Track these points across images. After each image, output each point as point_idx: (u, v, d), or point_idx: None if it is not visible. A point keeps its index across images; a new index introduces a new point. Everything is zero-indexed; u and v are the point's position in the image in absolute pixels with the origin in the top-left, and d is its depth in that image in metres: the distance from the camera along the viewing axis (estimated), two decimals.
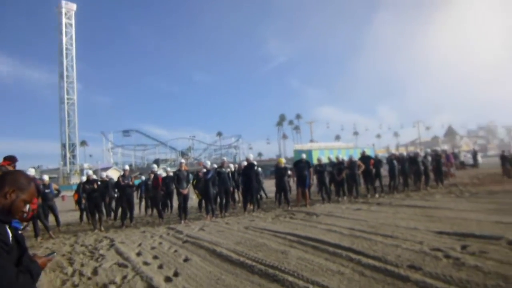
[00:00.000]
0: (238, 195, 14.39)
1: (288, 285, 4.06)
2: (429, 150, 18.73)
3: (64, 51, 65.47)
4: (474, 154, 30.62)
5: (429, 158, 16.13)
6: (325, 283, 3.98)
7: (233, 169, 13.61)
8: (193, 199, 15.09)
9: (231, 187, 12.12)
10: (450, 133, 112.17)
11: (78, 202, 13.55)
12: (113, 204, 13.04)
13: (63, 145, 66.50)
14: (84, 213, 12.60)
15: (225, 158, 13.28)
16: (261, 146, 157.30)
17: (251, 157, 12.48)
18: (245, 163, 12.39)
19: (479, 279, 3.68)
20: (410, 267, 4.28)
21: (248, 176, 11.79)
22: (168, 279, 4.76)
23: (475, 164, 28.82)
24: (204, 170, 11.29)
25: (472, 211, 8.14)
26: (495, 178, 17.56)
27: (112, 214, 13.00)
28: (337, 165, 13.43)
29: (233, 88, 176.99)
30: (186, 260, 5.77)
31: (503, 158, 16.95)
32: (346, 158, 14.35)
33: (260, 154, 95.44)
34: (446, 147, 33.34)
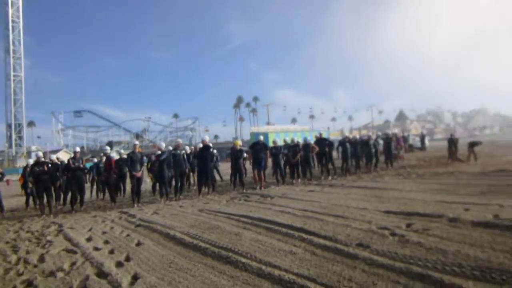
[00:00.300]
0: (193, 178, 14.41)
1: (241, 266, 4.17)
2: (380, 134, 19.69)
3: (10, 24, 60.89)
4: (422, 138, 32.55)
5: (380, 141, 17.00)
6: (277, 263, 4.13)
7: (188, 151, 13.57)
8: (147, 182, 14.86)
9: (186, 170, 12.09)
10: (401, 117, 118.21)
11: (23, 186, 12.89)
12: (62, 188, 12.55)
13: (9, 126, 62.49)
14: (31, 198, 12.08)
15: (180, 140, 13.09)
16: (217, 128, 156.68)
17: (207, 139, 12.44)
18: (201, 145, 12.35)
19: (422, 254, 4.00)
20: (358, 245, 4.55)
21: (203, 159, 11.78)
22: (119, 264, 4.71)
23: (422, 147, 30.67)
24: (159, 152, 11.16)
25: (418, 192, 8.75)
26: (440, 160, 18.84)
27: (61, 198, 12.50)
28: (292, 148, 13.74)
29: (191, 68, 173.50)
30: (138, 244, 5.73)
31: (450, 141, 18.16)
32: (301, 141, 14.70)
33: (216, 137, 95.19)
34: (397, 130, 35.12)
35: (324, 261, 4.09)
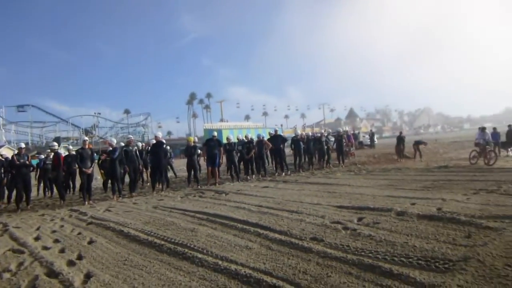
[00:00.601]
0: (146, 175, 14.15)
1: (198, 262, 4.16)
2: (331, 131, 20.29)
3: None
4: (371, 135, 33.93)
5: (332, 139, 17.54)
6: (233, 258, 4.17)
7: (140, 148, 13.40)
8: (98, 179, 14.32)
9: (139, 166, 11.84)
10: (351, 115, 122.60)
11: None
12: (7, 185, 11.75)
13: None
14: None
15: (131, 136, 12.74)
16: (170, 125, 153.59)
17: (160, 135, 12.21)
18: (154, 142, 12.12)
19: (372, 247, 4.20)
20: (312, 239, 4.69)
21: (156, 155, 11.58)
22: (71, 263, 4.52)
23: (372, 145, 31.99)
24: (110, 148, 10.82)
25: (368, 187, 9.14)
26: (388, 157, 19.78)
27: (6, 196, 11.68)
28: (246, 144, 13.81)
29: (143, 62, 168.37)
30: (90, 242, 5.54)
31: (399, 139, 19.09)
32: (255, 138, 14.83)
33: (169, 133, 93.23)
34: (347, 128, 36.34)
35: (279, 255, 4.17)
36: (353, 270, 3.54)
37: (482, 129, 15.24)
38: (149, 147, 12.65)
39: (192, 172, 12.43)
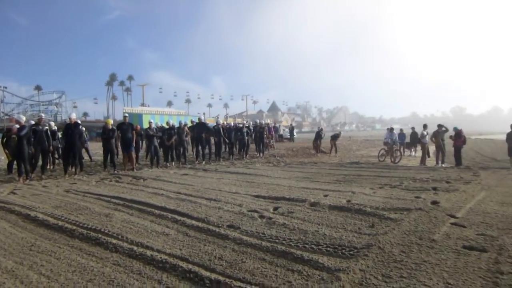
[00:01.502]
0: (58, 156, 13.27)
1: (112, 247, 4.06)
2: (252, 122, 20.71)
3: None
4: (291, 129, 35.34)
5: (252, 130, 17.93)
6: (149, 244, 4.13)
7: (53, 128, 12.55)
8: (2, 160, 13.09)
9: (49, 147, 11.01)
10: (273, 108, 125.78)
11: None
12: None
13: None
14: None
15: (42, 115, 11.74)
16: (87, 105, 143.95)
17: (74, 116, 11.45)
18: (68, 121, 11.32)
19: (286, 234, 4.44)
20: (229, 226, 4.82)
21: (70, 136, 10.81)
22: None
23: (291, 138, 33.31)
24: (17, 126, 9.90)
25: (285, 178, 9.57)
26: (306, 151, 20.78)
27: None
28: (167, 131, 13.56)
29: (59, 37, 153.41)
30: None
31: (317, 134, 20.10)
32: (176, 124, 14.61)
33: (85, 114, 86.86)
34: (269, 121, 37.31)
35: (196, 242, 4.23)
36: (267, 256, 3.71)
37: (390, 130, 16.73)
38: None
39: (109, 156, 11.92)
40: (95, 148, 18.04)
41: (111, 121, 12.71)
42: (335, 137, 19.69)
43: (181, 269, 3.39)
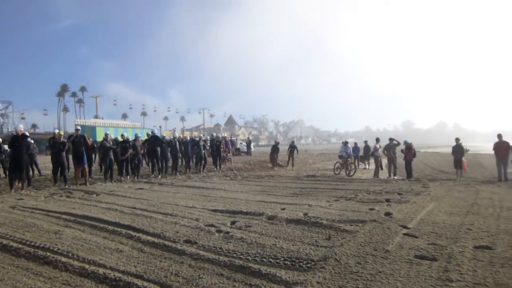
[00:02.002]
0: (3, 170, 12.43)
1: (61, 266, 3.85)
2: (208, 136, 20.65)
3: None
4: (249, 143, 35.56)
5: (209, 143, 17.88)
6: (102, 261, 3.96)
7: None
8: None
9: None
10: (230, 122, 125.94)
11: None
12: None
13: None
14: None
15: None
16: (37, 117, 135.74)
17: (21, 127, 10.85)
18: (15, 133, 10.70)
19: (243, 249, 4.41)
20: (186, 241, 4.73)
21: (17, 149, 10.18)
22: None
23: (248, 152, 33.46)
24: None
25: (242, 192, 9.57)
26: (263, 164, 20.92)
27: None
28: (122, 144, 13.19)
29: (5, 43, 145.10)
30: None
31: (274, 148, 20.32)
32: (131, 137, 14.35)
33: (34, 126, 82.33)
34: (226, 134, 37.33)
35: (152, 258, 4.11)
36: (225, 271, 3.67)
37: (345, 143, 17.28)
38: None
39: (60, 170, 11.37)
40: (45, 162, 17.20)
41: (61, 133, 12.15)
42: (292, 148, 19.99)
43: (136, 286, 3.27)
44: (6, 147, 12.46)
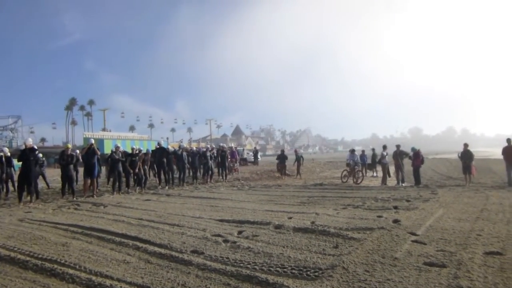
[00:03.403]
0: (12, 184, 12.71)
1: (69, 278, 3.86)
2: (214, 146, 20.70)
3: None
4: (255, 153, 35.51)
5: (215, 153, 17.93)
6: (109, 273, 3.96)
7: (8, 154, 12.23)
8: None
9: (3, 174, 10.45)
10: (237, 132, 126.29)
11: None
12: None
13: None
14: None
15: None
16: (46, 131, 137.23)
17: (30, 141, 11.08)
18: (23, 147, 10.86)
19: (250, 258, 4.39)
20: (193, 252, 4.71)
21: (26, 162, 10.37)
22: None
23: (255, 162, 33.43)
24: None
25: (249, 202, 9.54)
26: (270, 174, 20.89)
27: None
28: (131, 156, 13.27)
29: (15, 59, 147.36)
30: None
31: (281, 157, 20.29)
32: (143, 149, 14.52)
33: (43, 140, 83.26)
34: (233, 144, 37.43)
35: (158, 269, 4.10)
36: (232, 281, 3.65)
37: (352, 151, 17.20)
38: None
39: (68, 183, 11.48)
40: (53, 175, 17.37)
41: (70, 146, 12.32)
42: (298, 158, 19.94)
43: None
44: (15, 161, 12.59)
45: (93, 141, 12.43)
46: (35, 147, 11.04)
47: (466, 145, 13.85)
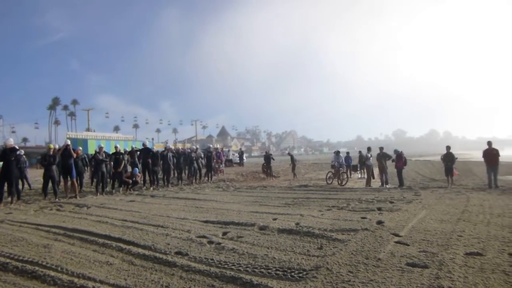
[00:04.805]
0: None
1: (50, 280, 3.81)
2: (199, 147, 20.65)
3: None
4: (241, 154, 35.49)
5: (202, 154, 17.87)
6: (91, 275, 3.92)
7: None
8: None
9: None
10: (223, 133, 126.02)
11: None
12: None
13: None
14: None
15: None
16: (28, 130, 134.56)
17: (11, 141, 10.81)
18: (4, 147, 10.63)
19: (235, 259, 4.39)
20: (177, 253, 4.69)
21: (6, 162, 10.15)
22: None
23: (241, 163, 33.42)
24: None
25: (234, 203, 9.53)
26: (255, 175, 20.90)
27: None
28: (115, 155, 13.13)
29: None
30: None
31: (267, 158, 20.33)
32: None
33: (25, 140, 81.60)
34: (218, 145, 37.33)
35: (142, 270, 4.07)
36: (216, 283, 3.64)
37: (337, 153, 17.31)
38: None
39: (50, 184, 11.29)
40: (35, 176, 17.03)
41: (53, 146, 12.07)
42: (293, 160, 20.06)
43: None
44: None
45: (69, 142, 12.21)
46: (16, 147, 10.83)
47: (448, 147, 14.12)
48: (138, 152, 14.61)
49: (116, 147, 13.82)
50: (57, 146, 12.26)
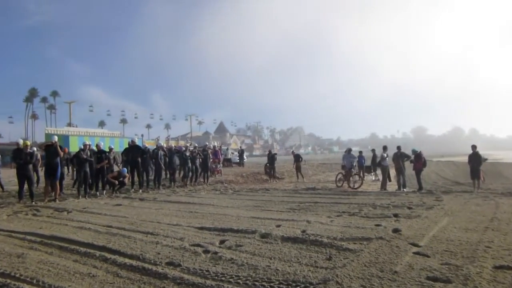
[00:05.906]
0: None
1: None
2: (196, 144, 20.64)
3: None
4: (241, 153, 35.48)
5: (197, 152, 17.86)
6: None
7: None
8: None
9: None
10: (221, 130, 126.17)
11: None
12: None
13: None
14: None
15: None
16: (0, 125, 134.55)
17: None
18: None
19: (233, 271, 4.37)
20: (168, 264, 4.68)
21: None
22: None
23: (241, 163, 33.42)
24: None
25: (232, 208, 9.54)
26: (257, 177, 20.90)
27: None
28: (97, 154, 13.11)
29: None
30: None
31: (270, 158, 20.33)
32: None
33: None
34: (216, 143, 37.38)
35: (129, 283, 4.07)
36: None
37: (348, 151, 17.30)
38: None
39: (26, 185, 11.25)
40: (8, 176, 17.05)
41: (28, 143, 11.97)
42: (298, 157, 20.02)
43: None
44: None
45: (56, 139, 12.14)
46: None
47: (474, 146, 14.07)
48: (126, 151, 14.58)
49: (98, 145, 13.73)
50: (28, 142, 12.12)
